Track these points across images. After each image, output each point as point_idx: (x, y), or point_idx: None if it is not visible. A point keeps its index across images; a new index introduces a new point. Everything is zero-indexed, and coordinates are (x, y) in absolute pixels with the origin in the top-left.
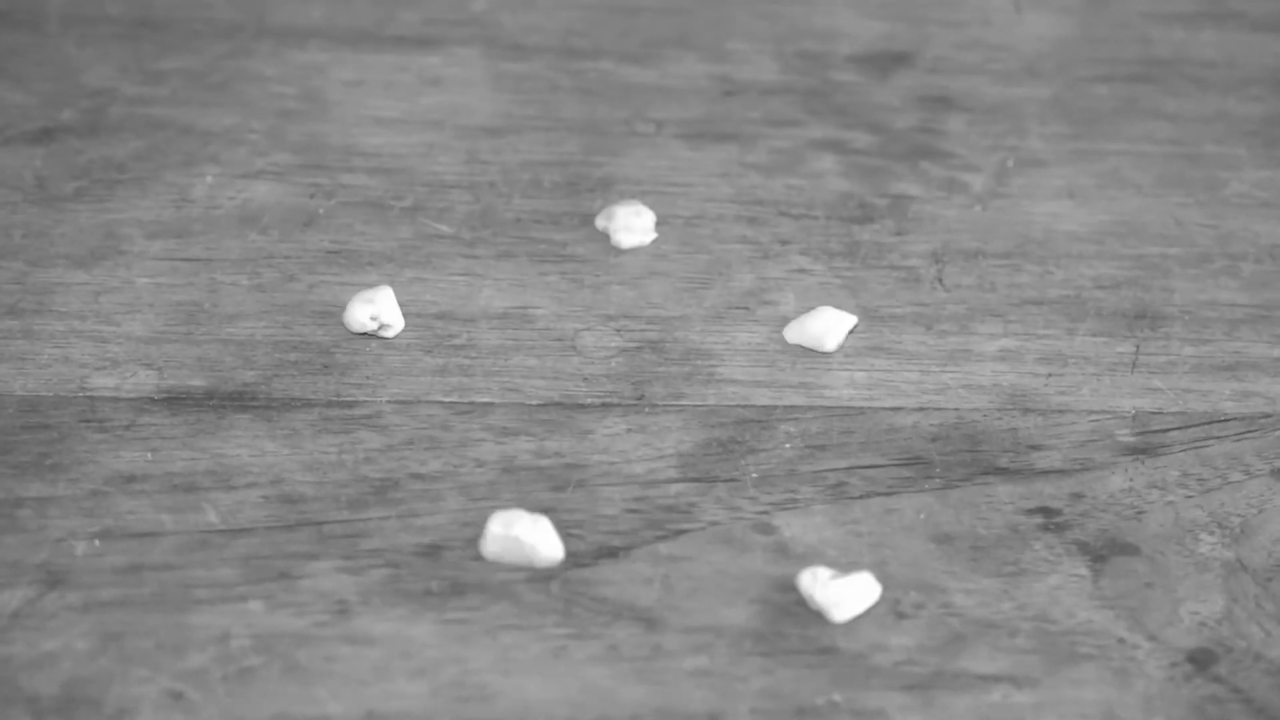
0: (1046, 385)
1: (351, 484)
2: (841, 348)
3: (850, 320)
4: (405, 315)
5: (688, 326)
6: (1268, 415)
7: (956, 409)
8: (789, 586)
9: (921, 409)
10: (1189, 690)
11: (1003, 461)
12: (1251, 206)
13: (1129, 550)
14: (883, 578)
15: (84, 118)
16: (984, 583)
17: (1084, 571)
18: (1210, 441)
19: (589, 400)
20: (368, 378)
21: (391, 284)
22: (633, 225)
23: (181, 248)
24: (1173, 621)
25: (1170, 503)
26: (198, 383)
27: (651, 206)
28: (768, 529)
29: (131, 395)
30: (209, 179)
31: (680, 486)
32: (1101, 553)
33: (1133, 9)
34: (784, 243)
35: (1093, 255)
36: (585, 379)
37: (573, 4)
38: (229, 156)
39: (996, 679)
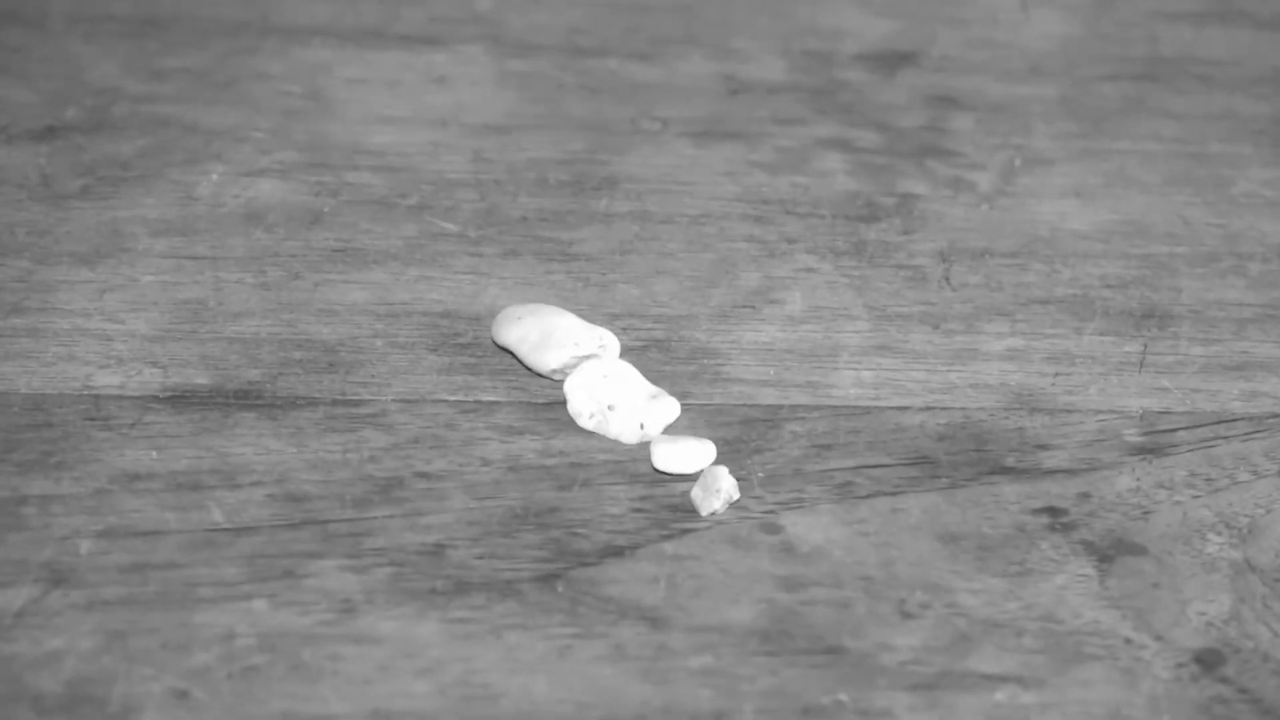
0: (1053, 385)
1: (356, 483)
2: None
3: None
4: (410, 314)
5: (694, 325)
6: (1276, 415)
7: (963, 408)
8: (796, 586)
9: (928, 408)
10: (1196, 691)
11: (1009, 461)
12: (1259, 205)
13: (1136, 550)
14: (889, 577)
15: (89, 115)
16: (990, 582)
17: (1091, 571)
18: (1218, 441)
19: None
20: (373, 376)
21: (396, 282)
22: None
23: (186, 246)
24: (1180, 622)
25: (1178, 503)
26: (203, 381)
27: (657, 205)
28: (774, 528)
29: (136, 393)
30: (214, 177)
31: (686, 485)
32: (1108, 553)
33: (1139, 8)
34: (790, 241)
35: (1100, 254)
36: None
37: (578, 2)
38: (234, 154)
39: (1003, 679)
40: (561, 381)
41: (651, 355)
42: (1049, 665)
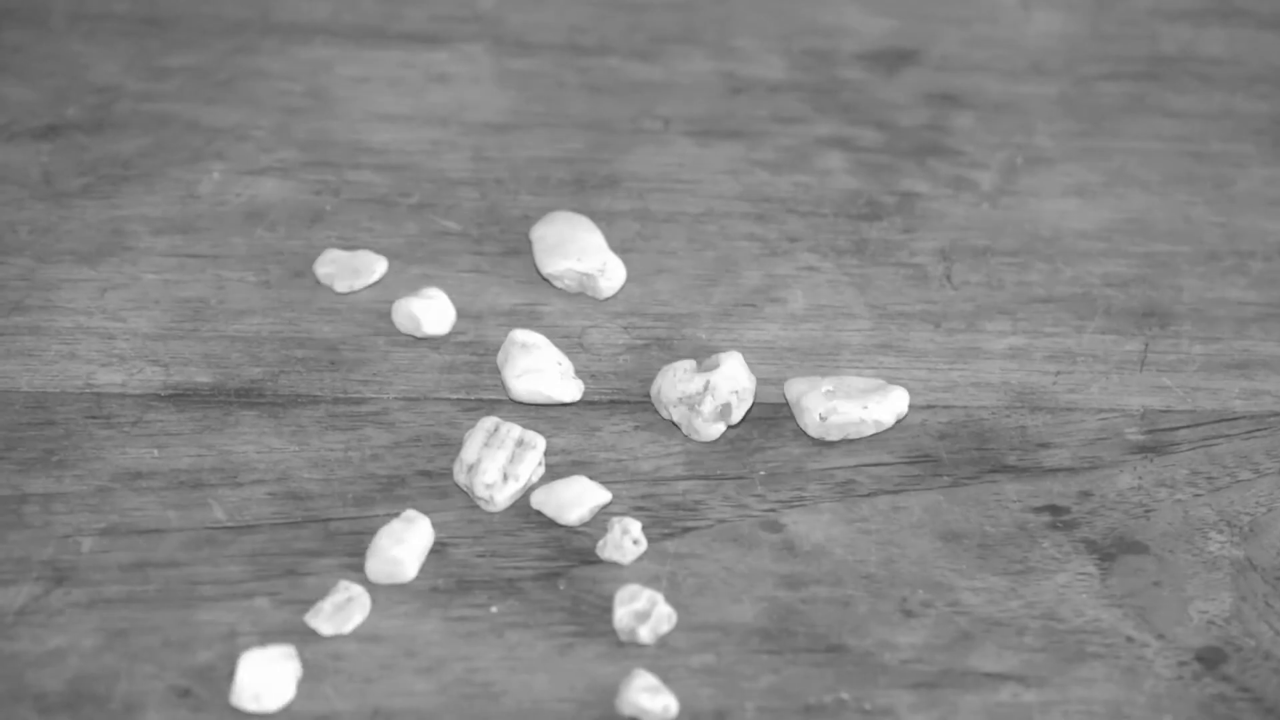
0: (1055, 383)
1: (358, 481)
2: (585, 520)
3: (604, 497)
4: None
5: (695, 324)
6: (1277, 413)
7: (965, 406)
8: (797, 584)
9: (930, 406)
10: (1198, 689)
11: (1011, 459)
12: (1259, 204)
13: (1137, 549)
14: (890, 575)
15: (90, 114)
16: (992, 581)
17: (1092, 570)
18: (1219, 440)
19: (596, 397)
20: (375, 374)
21: (397, 280)
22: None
23: (188, 244)
24: (1181, 620)
25: (1179, 501)
26: (204, 379)
27: (659, 204)
28: (775, 526)
29: (138, 392)
30: (215, 175)
31: (688, 484)
32: (1110, 551)
33: (1140, 6)
34: (792, 240)
35: (1101, 253)
36: (593, 376)
37: (579, 1)
38: (235, 153)
39: (1004, 677)
40: (561, 288)
41: (653, 353)
42: (1050, 664)
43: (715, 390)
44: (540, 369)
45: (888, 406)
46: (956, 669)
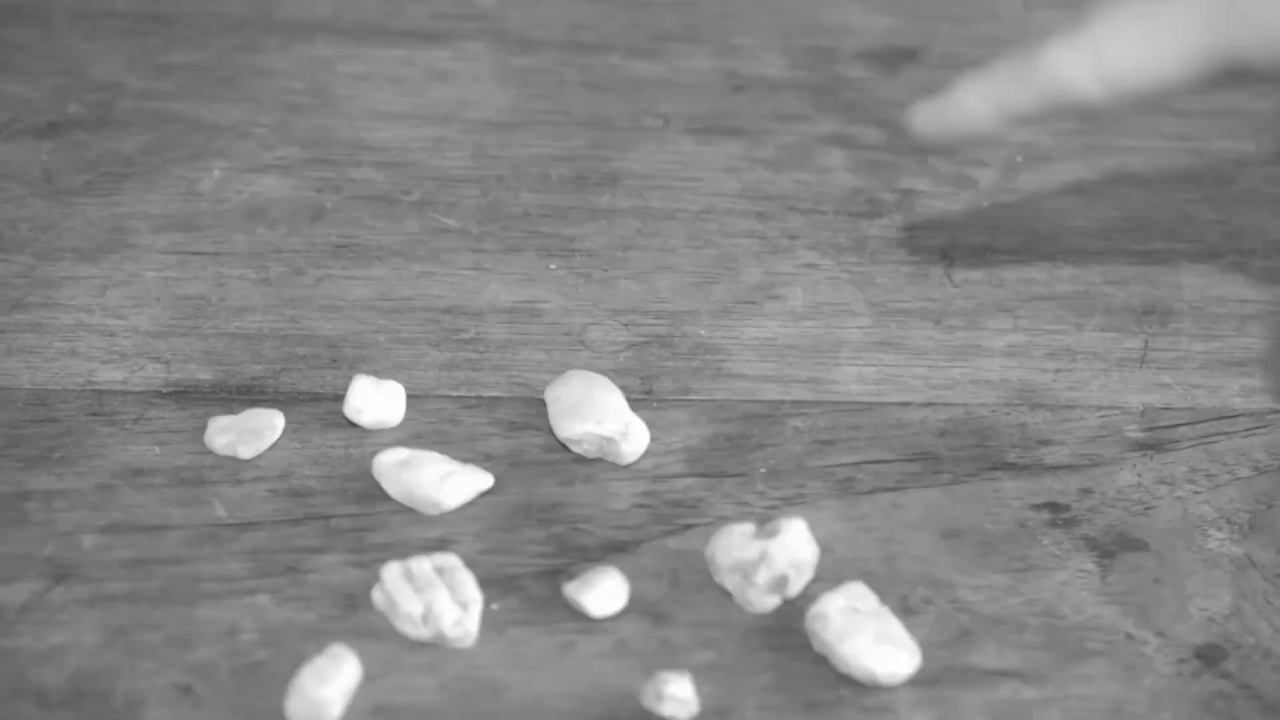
0: (1055, 380)
1: (359, 478)
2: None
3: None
4: (413, 310)
5: (696, 321)
6: (1276, 411)
7: (965, 404)
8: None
9: (930, 404)
10: (1197, 686)
11: (1011, 457)
12: (1260, 201)
13: (1137, 546)
14: (891, 573)
15: (91, 111)
16: (992, 578)
17: (1092, 567)
18: (1219, 437)
19: None
20: (375, 372)
21: (398, 278)
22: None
23: (189, 241)
24: (1181, 617)
25: (1179, 498)
26: (205, 376)
27: (659, 201)
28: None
29: (139, 389)
30: (216, 173)
31: (688, 481)
32: (1110, 548)
33: None
34: (792, 238)
35: (1101, 250)
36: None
37: None
38: (236, 150)
39: (1005, 674)
40: (580, 452)
41: (653, 351)
42: (1051, 660)
43: (771, 561)
44: (436, 477)
45: None
46: (957, 666)
